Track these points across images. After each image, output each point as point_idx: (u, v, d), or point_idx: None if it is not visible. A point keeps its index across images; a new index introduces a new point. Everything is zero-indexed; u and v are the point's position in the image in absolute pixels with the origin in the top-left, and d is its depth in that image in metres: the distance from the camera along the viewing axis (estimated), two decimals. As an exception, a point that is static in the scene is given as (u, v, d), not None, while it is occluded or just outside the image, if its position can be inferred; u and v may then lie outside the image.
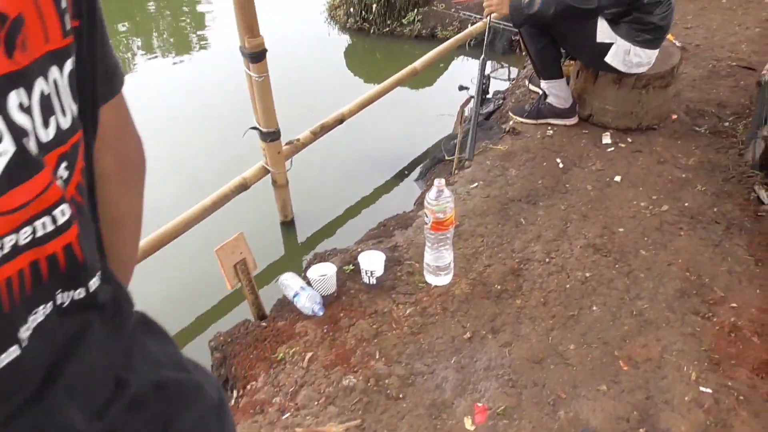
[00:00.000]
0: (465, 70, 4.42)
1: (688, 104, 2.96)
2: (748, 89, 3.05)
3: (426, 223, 1.92)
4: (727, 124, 2.83)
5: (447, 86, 4.19)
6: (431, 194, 1.87)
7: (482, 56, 2.52)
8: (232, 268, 1.89)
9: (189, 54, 5.15)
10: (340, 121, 2.93)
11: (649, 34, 2.50)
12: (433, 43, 4.63)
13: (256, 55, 2.22)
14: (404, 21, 4.84)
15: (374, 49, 5.00)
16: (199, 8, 6.31)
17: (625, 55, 2.52)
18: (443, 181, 1.87)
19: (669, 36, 3.45)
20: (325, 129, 2.85)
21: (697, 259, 2.04)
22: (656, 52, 2.59)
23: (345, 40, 5.12)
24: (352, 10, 5.06)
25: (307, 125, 2.82)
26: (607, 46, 2.51)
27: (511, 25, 2.65)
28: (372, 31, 4.99)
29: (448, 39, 4.48)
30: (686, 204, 2.32)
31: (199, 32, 5.73)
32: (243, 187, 2.50)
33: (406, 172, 3.13)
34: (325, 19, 5.45)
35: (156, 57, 5.12)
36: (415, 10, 4.83)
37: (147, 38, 5.62)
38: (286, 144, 2.67)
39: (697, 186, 2.40)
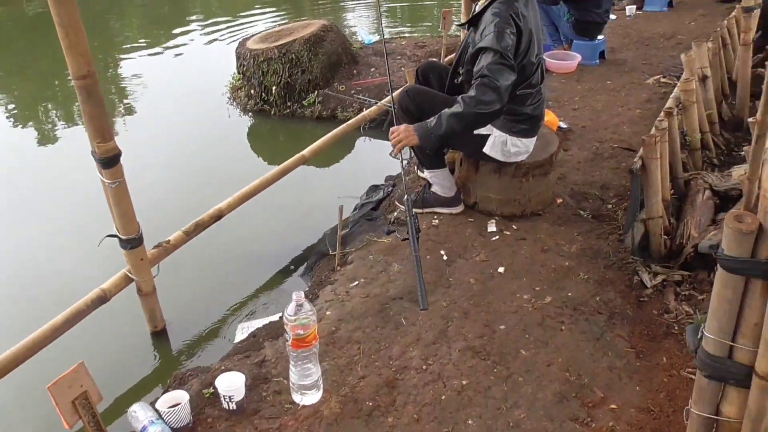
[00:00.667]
0: (362, 152, 4.39)
1: (573, 187, 3.00)
2: (629, 169, 3.12)
3: (287, 340, 1.75)
4: (609, 206, 2.86)
5: (343, 170, 4.14)
6: (289, 309, 1.72)
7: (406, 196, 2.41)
8: (69, 405, 1.64)
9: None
10: (218, 217, 2.77)
11: (524, 124, 2.52)
12: (335, 124, 4.62)
13: (108, 161, 2.06)
14: (305, 103, 4.82)
15: (276, 131, 4.93)
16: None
17: (502, 146, 2.52)
18: (302, 293, 1.73)
19: (556, 119, 3.55)
20: (200, 227, 2.67)
21: (577, 357, 1.96)
22: (533, 140, 2.61)
23: (246, 121, 5.04)
24: (252, 92, 5.00)
25: (188, 220, 2.64)
26: (484, 138, 2.51)
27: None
28: (273, 112, 4.93)
29: (348, 120, 4.49)
30: (569, 294, 2.27)
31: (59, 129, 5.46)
32: (102, 299, 2.26)
33: (292, 267, 2.97)
34: (227, 100, 5.37)
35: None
36: (315, 92, 4.82)
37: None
38: (154, 247, 2.47)
39: (579, 274, 2.37)
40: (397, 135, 2.33)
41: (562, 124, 3.64)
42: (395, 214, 2.79)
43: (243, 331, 2.32)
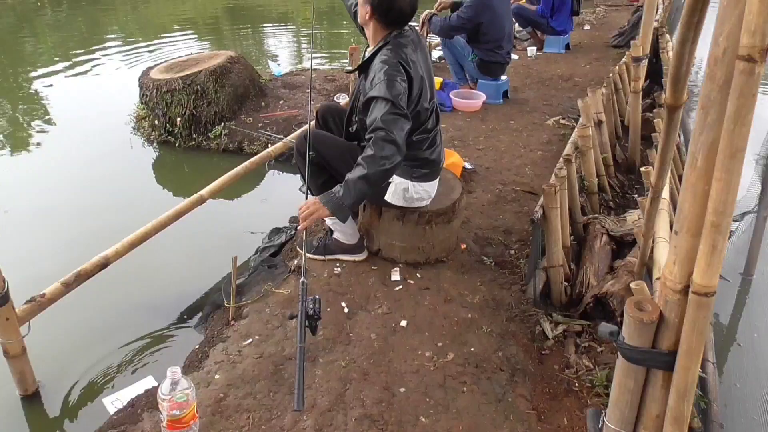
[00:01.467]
0: (267, 187, 4.24)
1: (477, 231, 2.99)
2: (531, 215, 3.17)
3: (161, 420, 1.57)
4: (512, 251, 2.88)
5: (245, 207, 3.95)
6: (164, 386, 1.55)
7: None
8: None
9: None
10: (104, 265, 2.52)
11: (424, 169, 2.48)
12: (241, 157, 4.43)
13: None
14: (210, 135, 4.61)
15: (181, 163, 4.67)
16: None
17: (404, 192, 2.46)
18: (178, 369, 1.56)
19: (460, 160, 3.57)
20: (82, 277, 2.41)
21: (479, 423, 1.90)
22: (435, 183, 2.58)
23: (150, 153, 4.75)
24: (156, 122, 4.73)
25: (70, 269, 2.37)
26: (385, 185, 2.44)
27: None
28: (178, 144, 4.68)
29: (255, 154, 4.32)
30: (472, 349, 2.22)
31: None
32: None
33: (185, 317, 2.75)
34: (131, 130, 5.06)
35: None
36: (222, 124, 4.62)
37: None
38: (26, 303, 2.20)
39: (482, 327, 2.33)
40: (305, 210, 2.16)
41: (467, 165, 3.67)
42: (296, 261, 2.66)
43: (113, 403, 2.09)
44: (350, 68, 2.69)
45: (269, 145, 3.93)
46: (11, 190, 4.08)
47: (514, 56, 6.21)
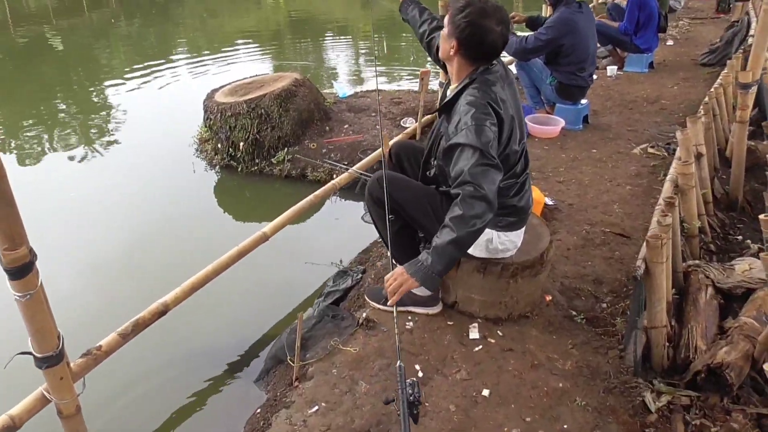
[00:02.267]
0: (331, 218, 4.05)
1: (563, 281, 2.69)
2: (623, 261, 2.84)
3: None
4: (604, 305, 2.56)
5: (309, 241, 3.78)
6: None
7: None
8: None
9: None
10: (162, 312, 2.38)
11: (510, 217, 2.21)
12: (304, 184, 4.30)
13: (16, 271, 1.67)
14: (273, 160, 4.48)
15: (243, 189, 4.57)
16: None
17: (487, 243, 2.20)
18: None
19: (541, 195, 3.27)
20: (140, 326, 2.28)
21: None
22: (521, 233, 2.30)
23: (212, 177, 4.68)
24: (219, 146, 4.66)
25: (129, 315, 2.24)
26: (467, 234, 2.18)
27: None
28: (240, 169, 4.59)
29: (319, 182, 4.16)
30: (564, 426, 1.93)
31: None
32: (10, 429, 1.84)
33: (245, 366, 2.58)
34: (194, 152, 5.02)
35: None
36: (285, 149, 4.49)
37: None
38: (82, 356, 2.07)
39: (576, 399, 2.03)
40: (392, 282, 1.90)
41: (548, 201, 3.36)
42: (364, 314, 2.43)
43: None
44: (436, 109, 2.44)
45: (333, 174, 3.75)
46: (70, 208, 4.10)
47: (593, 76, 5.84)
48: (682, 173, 2.95)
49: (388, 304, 1.90)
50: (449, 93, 2.21)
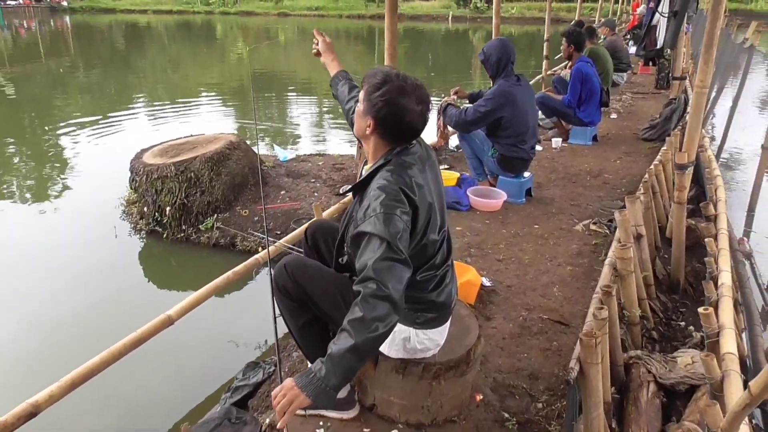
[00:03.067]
0: (250, 297, 3.74)
1: (496, 375, 2.46)
2: (561, 353, 2.64)
3: None
4: (540, 405, 2.33)
5: (223, 321, 3.44)
6: None
7: None
8: None
9: None
10: (32, 414, 2.02)
11: (429, 313, 1.98)
12: (233, 254, 4.01)
13: None
14: (201, 227, 4.20)
15: (168, 256, 4.25)
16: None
17: (404, 342, 1.96)
18: None
19: (478, 276, 3.08)
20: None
21: None
22: (444, 329, 2.07)
23: (136, 243, 4.35)
24: (146, 209, 4.35)
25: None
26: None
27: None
28: (166, 235, 4.28)
29: (249, 252, 3.89)
30: None
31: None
32: None
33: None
34: (121, 214, 4.69)
35: None
36: (215, 215, 4.22)
37: None
38: None
39: None
40: (280, 399, 1.57)
41: (486, 281, 3.17)
42: (267, 420, 2.13)
43: None
44: (346, 187, 2.25)
45: (260, 249, 3.49)
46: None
47: (538, 147, 5.84)
48: (620, 257, 2.81)
49: (278, 426, 1.61)
50: (364, 171, 2.03)
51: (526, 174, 4.48)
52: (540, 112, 6.55)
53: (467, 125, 4.20)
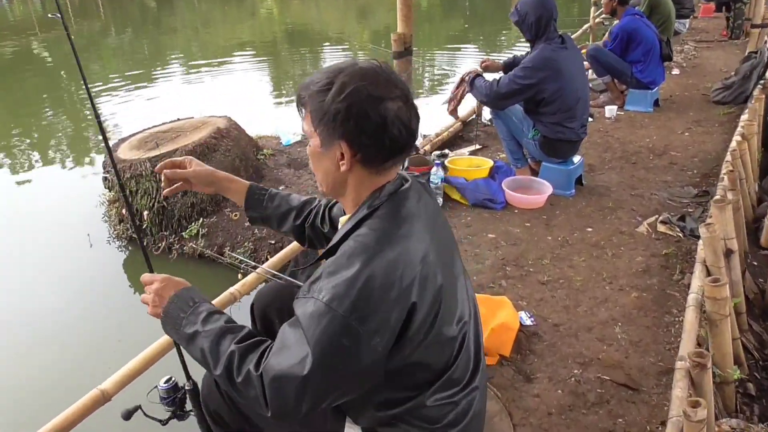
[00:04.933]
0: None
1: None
2: (629, 438, 1.92)
3: None
4: None
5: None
6: None
7: None
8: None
9: None
10: None
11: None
12: (224, 269, 3.36)
13: None
14: (185, 234, 3.56)
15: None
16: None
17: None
18: None
19: (513, 312, 2.36)
20: None
21: None
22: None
23: (114, 254, 3.76)
24: (124, 211, 3.74)
25: None
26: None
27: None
28: (146, 243, 3.66)
29: (240, 266, 3.23)
30: None
31: None
32: None
33: None
34: (102, 215, 4.11)
35: None
36: (200, 219, 3.57)
37: None
38: None
39: None
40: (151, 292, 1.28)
41: (525, 318, 2.45)
42: None
43: None
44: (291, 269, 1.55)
45: (239, 275, 2.83)
46: None
47: (589, 118, 4.95)
48: (712, 298, 2.05)
49: None
50: (340, 226, 1.32)
51: (576, 158, 3.65)
52: (590, 71, 5.62)
53: (500, 100, 3.39)
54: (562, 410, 2.02)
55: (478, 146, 4.36)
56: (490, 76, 3.51)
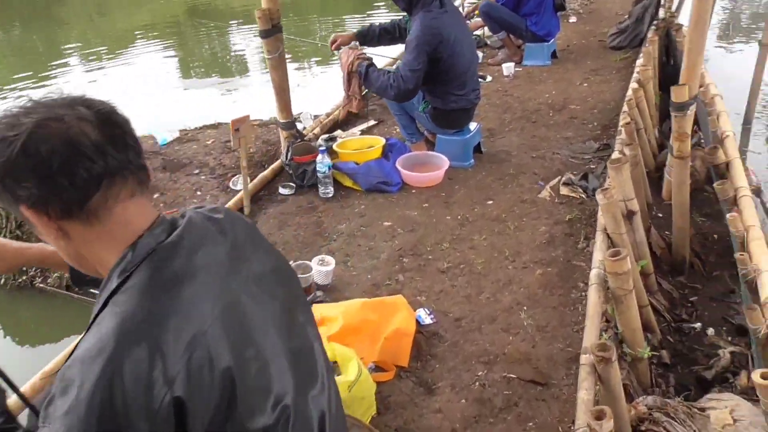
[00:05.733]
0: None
1: None
2: (540, 447, 1.73)
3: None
4: None
5: None
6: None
7: None
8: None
9: None
10: None
11: None
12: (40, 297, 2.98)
13: None
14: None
15: (12, 310, 3.19)
16: None
17: None
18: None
19: (408, 317, 2.11)
20: None
21: None
22: None
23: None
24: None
25: None
26: None
27: None
28: (3, 281, 3.19)
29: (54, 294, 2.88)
30: None
31: None
32: None
33: None
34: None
35: None
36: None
37: None
38: None
39: None
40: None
41: (423, 317, 2.21)
42: None
43: None
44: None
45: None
46: None
47: (488, 77, 4.75)
48: (614, 272, 1.86)
49: None
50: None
51: (473, 125, 3.43)
52: (485, 27, 5.41)
53: (410, 93, 3.11)
54: (467, 423, 1.80)
55: (373, 122, 4.07)
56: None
